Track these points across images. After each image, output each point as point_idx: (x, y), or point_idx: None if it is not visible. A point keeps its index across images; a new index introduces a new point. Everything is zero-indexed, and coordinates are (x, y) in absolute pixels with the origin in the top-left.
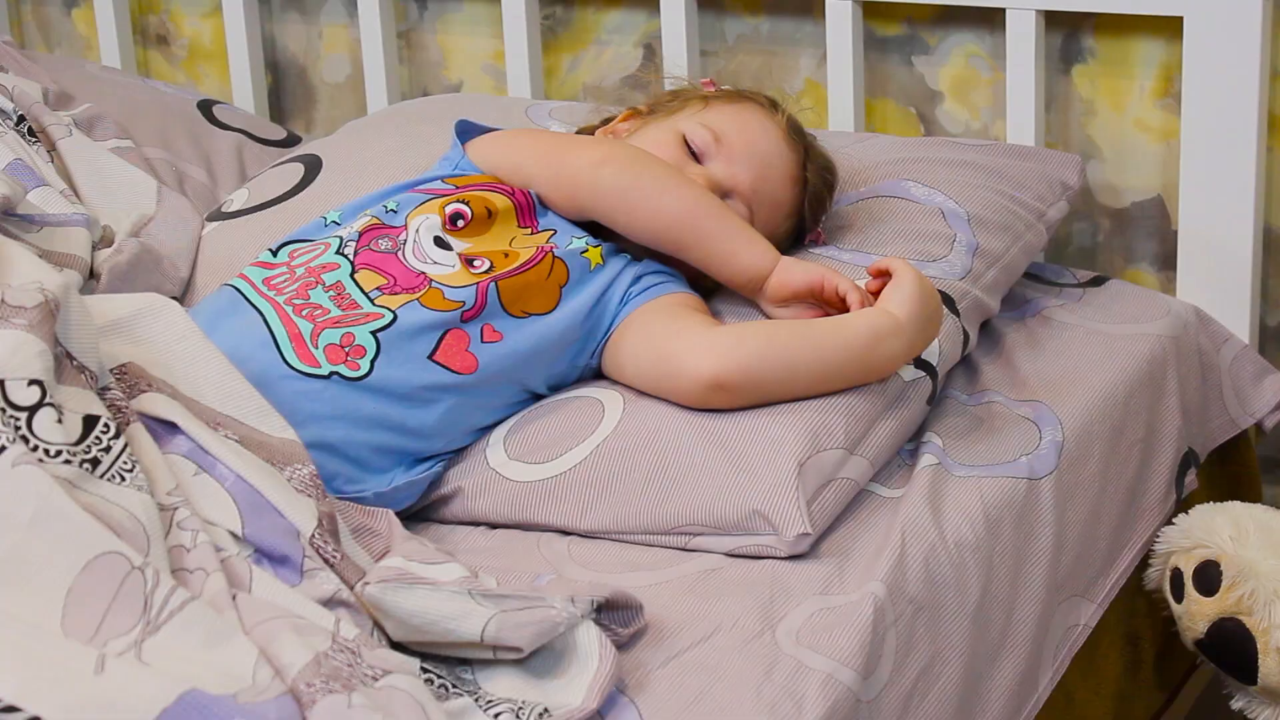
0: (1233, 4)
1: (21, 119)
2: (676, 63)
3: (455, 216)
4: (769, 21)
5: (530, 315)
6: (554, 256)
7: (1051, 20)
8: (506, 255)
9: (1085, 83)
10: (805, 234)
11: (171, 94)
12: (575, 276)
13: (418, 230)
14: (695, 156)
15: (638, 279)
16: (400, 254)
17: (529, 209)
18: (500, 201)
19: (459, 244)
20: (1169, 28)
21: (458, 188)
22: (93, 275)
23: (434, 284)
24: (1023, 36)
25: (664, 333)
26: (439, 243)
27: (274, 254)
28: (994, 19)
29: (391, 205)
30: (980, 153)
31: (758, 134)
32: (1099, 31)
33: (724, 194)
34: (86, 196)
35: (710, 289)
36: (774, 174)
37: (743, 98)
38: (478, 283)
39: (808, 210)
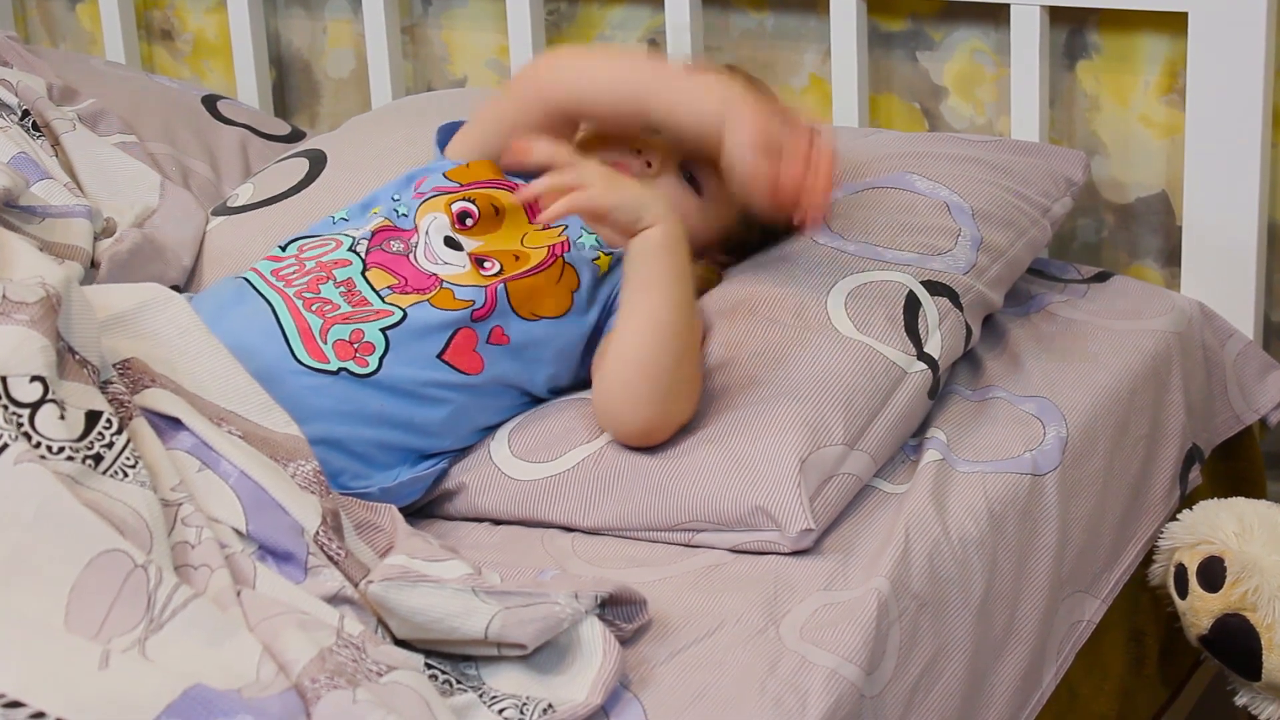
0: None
1: (26, 113)
2: (681, 59)
3: (463, 215)
4: (774, 17)
5: (541, 318)
6: (564, 261)
7: (1056, 16)
8: (517, 258)
9: (1090, 78)
10: None
11: (176, 89)
12: (586, 282)
13: (428, 231)
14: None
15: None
16: (411, 256)
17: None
18: (506, 198)
19: (469, 243)
20: (1173, 23)
21: (462, 185)
22: (94, 265)
23: (445, 284)
24: (1027, 32)
25: (597, 375)
26: (449, 243)
27: (283, 249)
28: (998, 14)
29: (402, 210)
30: (985, 148)
31: None
32: (1103, 27)
33: (684, 164)
34: (90, 191)
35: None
36: None
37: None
38: (487, 285)
39: None
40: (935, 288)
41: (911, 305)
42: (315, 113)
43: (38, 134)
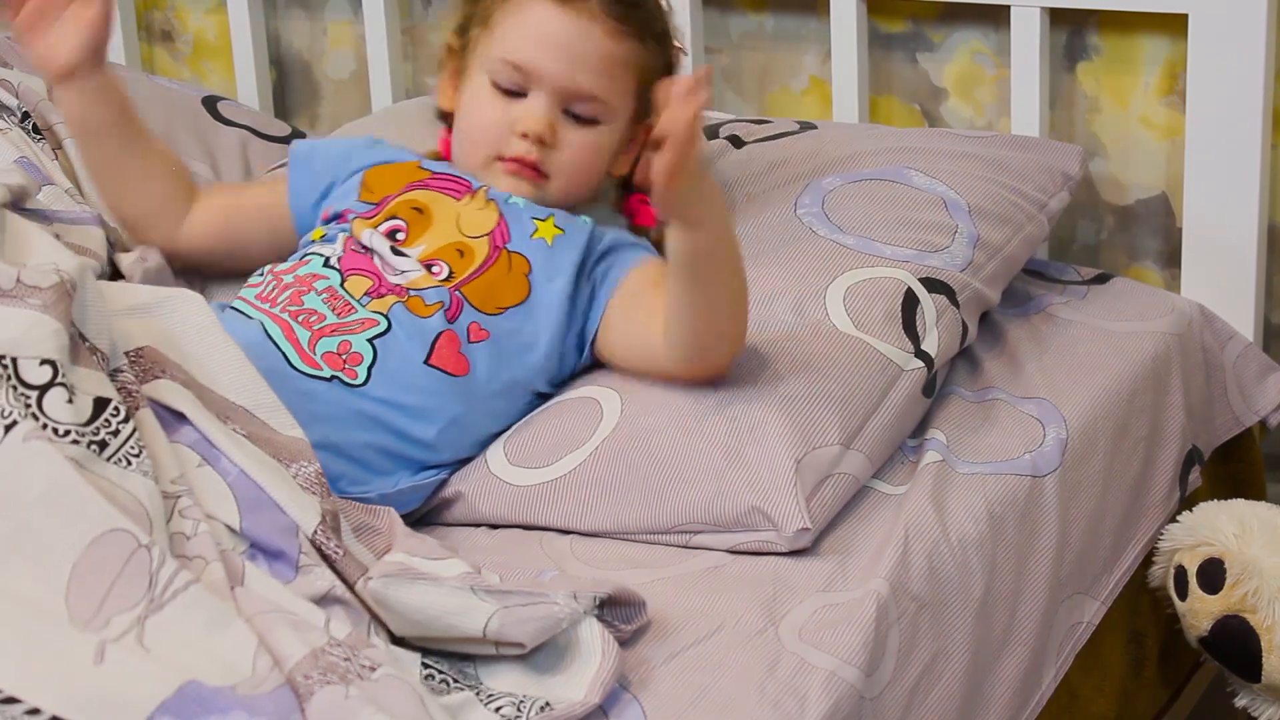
0: (1237, 1)
1: (26, 115)
2: (680, 60)
3: (392, 233)
4: (773, 18)
5: (507, 309)
6: (508, 252)
7: (1056, 17)
8: (461, 253)
9: (1090, 80)
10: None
11: (176, 90)
12: (538, 261)
13: (373, 247)
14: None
15: (600, 258)
16: (378, 268)
17: (452, 180)
18: (422, 196)
19: (412, 251)
20: (1173, 25)
21: (376, 205)
22: (117, 275)
23: (411, 292)
24: (1027, 33)
25: (638, 327)
26: (396, 253)
27: (260, 275)
28: (998, 16)
29: (346, 232)
30: (981, 144)
31: (546, 34)
32: (1103, 29)
33: (567, 109)
34: (92, 198)
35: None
36: (589, 51)
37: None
38: (448, 288)
39: (651, 39)
40: (933, 285)
41: (910, 302)
42: (315, 114)
43: (38, 137)
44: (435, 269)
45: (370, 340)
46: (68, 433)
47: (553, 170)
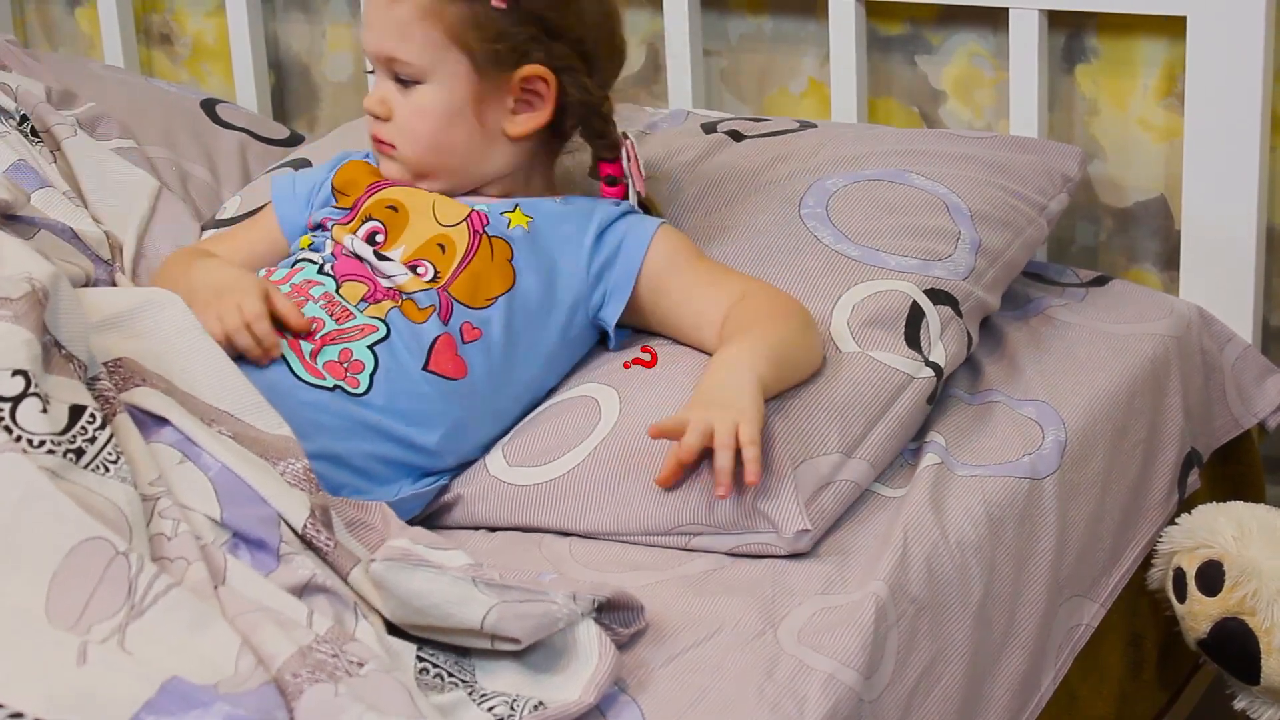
0: (1236, 3)
1: (24, 118)
2: (680, 63)
3: (371, 236)
4: (772, 21)
5: (495, 299)
6: (488, 236)
7: (1054, 20)
8: (443, 248)
9: (1088, 82)
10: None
11: (174, 93)
12: (519, 247)
13: (357, 252)
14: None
15: (602, 232)
16: (370, 273)
17: None
18: (394, 191)
19: (394, 252)
20: (1172, 27)
21: (350, 210)
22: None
23: (404, 296)
24: (1026, 36)
25: (683, 309)
26: (380, 257)
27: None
28: (997, 18)
29: (332, 239)
30: (981, 145)
31: (364, 11)
32: (1102, 31)
33: (395, 77)
34: (90, 198)
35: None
36: (378, 16)
37: None
38: (434, 289)
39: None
40: (937, 296)
41: (915, 316)
42: (314, 117)
43: (36, 140)
44: (420, 270)
45: (370, 347)
46: (43, 443)
47: (394, 138)
